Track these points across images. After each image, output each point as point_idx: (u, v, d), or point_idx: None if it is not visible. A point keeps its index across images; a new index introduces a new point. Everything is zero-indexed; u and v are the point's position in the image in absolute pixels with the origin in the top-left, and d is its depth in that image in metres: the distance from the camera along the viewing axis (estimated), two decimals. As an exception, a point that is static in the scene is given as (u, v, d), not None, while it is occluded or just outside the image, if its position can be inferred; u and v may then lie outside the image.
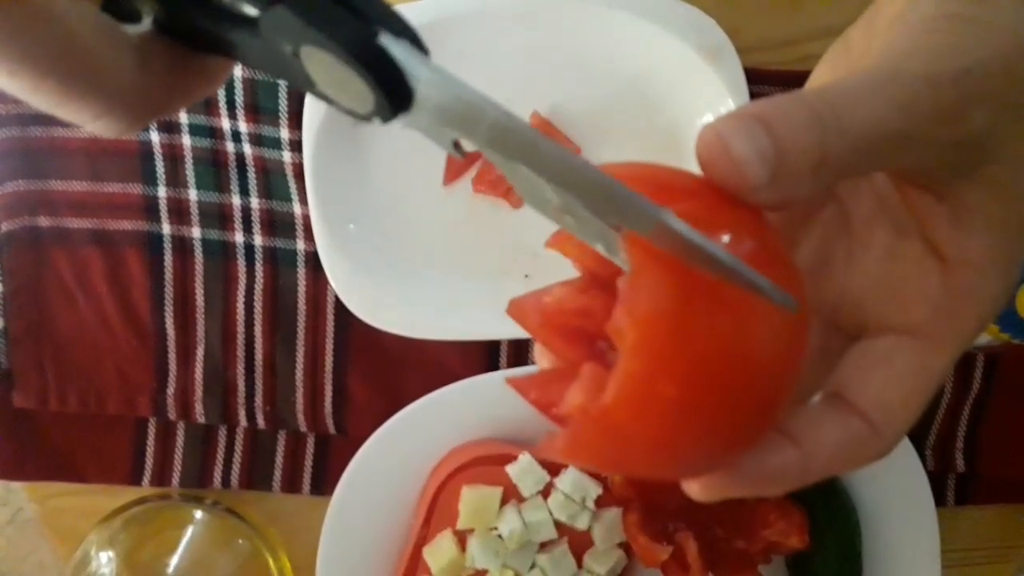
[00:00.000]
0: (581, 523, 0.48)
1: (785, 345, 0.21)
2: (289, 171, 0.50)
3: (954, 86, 0.22)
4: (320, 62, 0.20)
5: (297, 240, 0.51)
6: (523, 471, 0.48)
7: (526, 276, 0.51)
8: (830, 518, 0.50)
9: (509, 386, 0.25)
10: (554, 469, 0.48)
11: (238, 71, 0.49)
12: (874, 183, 0.26)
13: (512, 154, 0.20)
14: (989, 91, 0.22)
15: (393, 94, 0.20)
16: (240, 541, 0.51)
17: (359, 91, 0.20)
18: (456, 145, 0.21)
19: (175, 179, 0.50)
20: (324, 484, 0.53)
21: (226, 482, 0.52)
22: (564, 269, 0.53)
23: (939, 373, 0.24)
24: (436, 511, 0.49)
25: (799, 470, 0.24)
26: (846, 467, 0.24)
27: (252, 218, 0.51)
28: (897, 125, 0.21)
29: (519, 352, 0.52)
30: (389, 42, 0.20)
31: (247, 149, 0.50)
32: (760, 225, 0.22)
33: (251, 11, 0.21)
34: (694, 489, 0.24)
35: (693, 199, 0.21)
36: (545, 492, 0.48)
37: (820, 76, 0.28)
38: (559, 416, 0.23)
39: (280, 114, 0.50)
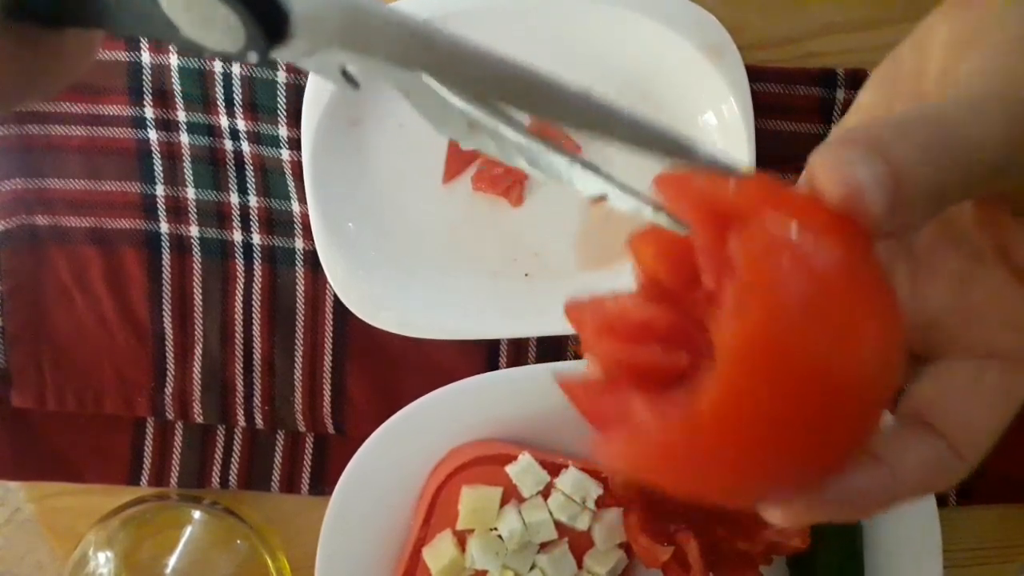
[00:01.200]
0: (581, 524, 0.48)
1: (883, 361, 0.21)
2: (288, 169, 0.50)
3: None
4: (178, 2, 0.18)
5: (296, 239, 0.51)
6: (523, 471, 0.48)
7: (526, 275, 0.51)
8: (831, 518, 0.50)
9: (560, 386, 0.23)
10: (554, 470, 0.48)
11: (236, 68, 0.49)
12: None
13: (412, 61, 0.18)
14: None
15: (264, 16, 0.18)
16: (239, 541, 0.51)
17: (226, 23, 0.18)
18: (345, 74, 0.19)
19: (173, 177, 0.50)
20: (323, 484, 0.52)
21: (224, 482, 0.52)
22: (566, 268, 0.53)
23: (1022, 396, 0.24)
24: (436, 511, 0.49)
25: (886, 493, 0.23)
26: (928, 491, 0.24)
27: (250, 217, 0.51)
28: (1006, 152, 0.21)
29: (519, 352, 0.52)
30: None
31: (245, 147, 0.50)
32: (862, 241, 0.21)
33: None
34: (776, 514, 0.23)
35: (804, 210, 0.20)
36: (545, 492, 0.48)
37: (870, 95, 0.28)
38: (609, 424, 0.22)
39: (279, 112, 0.49)
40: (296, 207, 0.50)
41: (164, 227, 0.51)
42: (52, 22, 0.20)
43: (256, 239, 0.51)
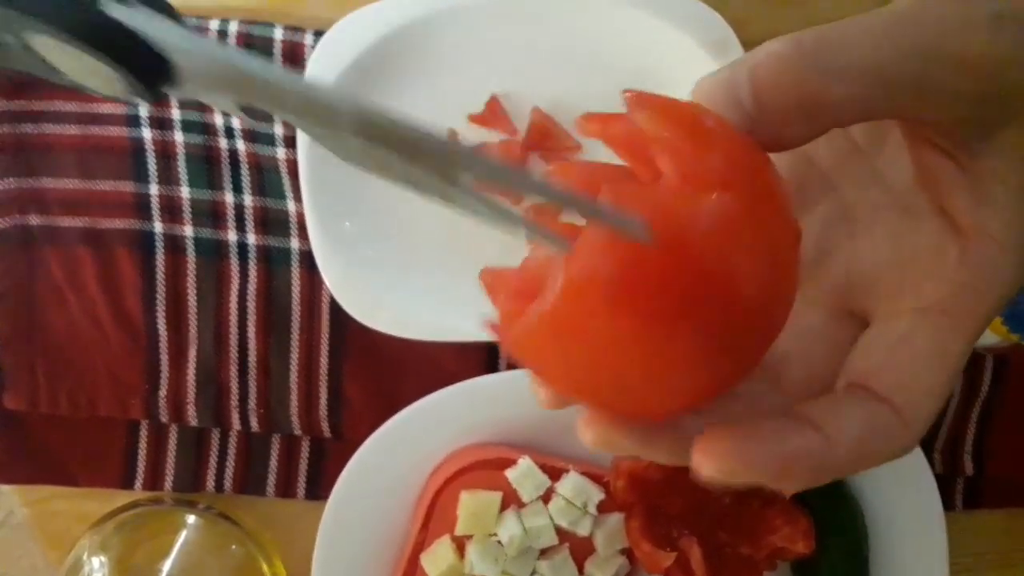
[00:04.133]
0: (583, 529, 0.47)
1: (758, 256, 0.20)
2: (283, 168, 0.50)
3: (985, 34, 0.21)
4: (53, 49, 0.17)
5: (291, 238, 0.50)
6: (523, 476, 0.47)
7: (526, 276, 0.50)
8: (836, 523, 0.49)
9: (481, 278, 0.26)
10: (555, 474, 0.48)
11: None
12: (875, 166, 0.26)
13: (294, 111, 0.18)
14: (1022, 42, 0.21)
15: (141, 69, 0.17)
16: (233, 546, 0.51)
17: (106, 73, 0.17)
18: (245, 108, 0.19)
19: (167, 176, 0.50)
20: (319, 488, 0.52)
21: (219, 486, 0.52)
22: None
23: (961, 354, 0.23)
24: (434, 516, 0.48)
25: (821, 459, 0.22)
26: (872, 460, 0.23)
27: (245, 216, 0.50)
28: (915, 68, 0.20)
29: (519, 353, 0.51)
30: (117, 10, 0.17)
31: (240, 145, 0.50)
32: (746, 155, 0.21)
33: None
34: (705, 467, 0.22)
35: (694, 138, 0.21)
36: (546, 497, 0.48)
37: None
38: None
39: (274, 110, 0.49)
40: (292, 206, 0.50)
41: (158, 227, 0.50)
42: None
43: (251, 239, 0.50)
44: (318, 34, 0.49)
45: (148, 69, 0.17)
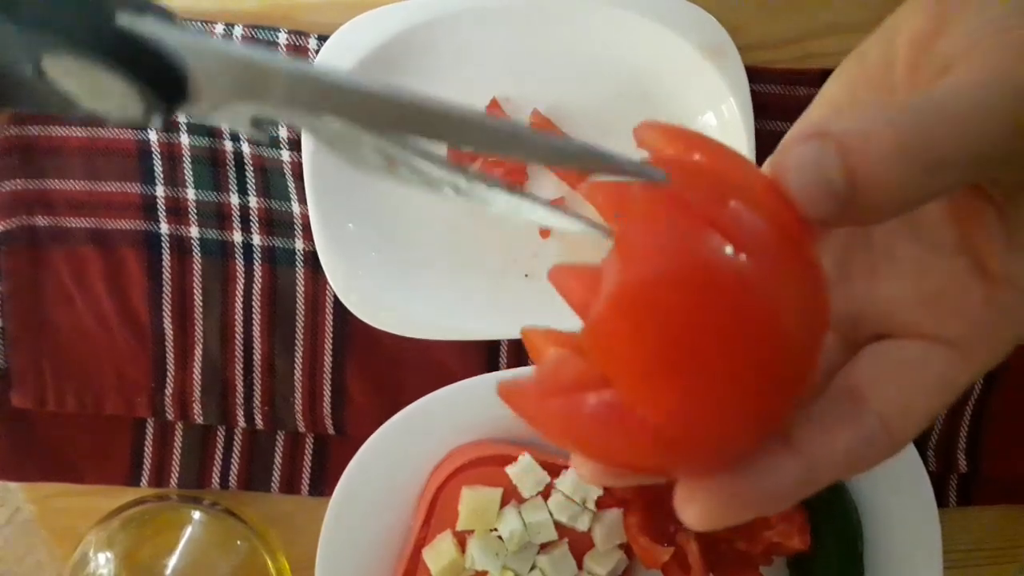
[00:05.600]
0: (582, 524, 0.48)
1: (799, 318, 0.21)
2: (288, 170, 0.50)
3: None
4: (67, 71, 0.17)
5: (296, 239, 0.51)
6: (523, 472, 0.48)
7: (526, 276, 0.51)
8: (831, 519, 0.50)
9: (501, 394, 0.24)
10: (554, 470, 0.48)
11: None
12: None
13: (312, 105, 0.18)
14: None
15: (159, 82, 0.17)
16: (238, 542, 0.51)
17: (122, 92, 0.17)
18: (256, 123, 0.19)
19: (173, 178, 0.50)
20: (323, 485, 0.52)
21: (224, 483, 0.52)
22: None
23: (963, 387, 0.24)
24: (436, 512, 0.49)
25: (804, 484, 0.22)
26: (855, 470, 0.23)
27: (250, 217, 0.51)
28: (1007, 146, 0.20)
29: (519, 352, 0.52)
30: (131, 20, 0.16)
31: (245, 148, 0.50)
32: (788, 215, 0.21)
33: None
34: (691, 514, 0.22)
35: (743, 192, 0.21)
36: (545, 493, 0.48)
37: (834, 87, 0.27)
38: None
39: (279, 113, 0.49)
40: (296, 208, 0.50)
41: (164, 228, 0.50)
42: None
43: (256, 240, 0.51)
44: (322, 39, 0.49)
45: (165, 82, 0.17)
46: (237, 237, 0.51)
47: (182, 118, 0.50)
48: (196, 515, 0.51)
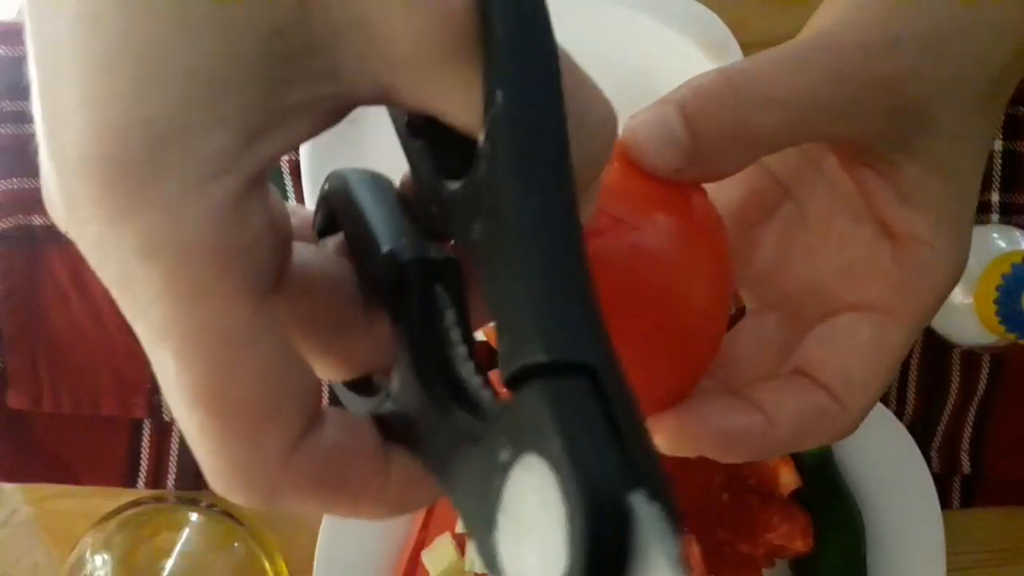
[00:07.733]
0: (582, 526, 0.47)
1: (689, 276, 0.23)
2: (285, 168, 0.50)
3: (886, 54, 0.23)
4: (529, 479, 0.14)
5: (294, 239, 0.50)
6: (523, 473, 0.47)
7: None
8: (834, 521, 0.50)
9: None
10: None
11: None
12: (827, 175, 0.27)
13: None
14: (920, 63, 0.23)
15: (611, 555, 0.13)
16: (236, 544, 0.51)
17: (554, 545, 0.13)
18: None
19: (170, 177, 0.50)
20: (321, 486, 0.52)
21: (222, 484, 0.52)
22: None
23: (899, 347, 0.25)
24: (435, 514, 0.48)
25: (763, 436, 0.24)
26: (812, 440, 0.25)
27: (248, 217, 0.50)
28: (828, 92, 0.22)
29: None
30: (641, 507, 0.13)
31: (243, 146, 0.50)
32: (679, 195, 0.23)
33: (489, 403, 0.16)
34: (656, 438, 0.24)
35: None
36: (545, 494, 0.48)
37: None
38: None
39: (276, 111, 0.49)
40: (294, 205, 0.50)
41: (161, 227, 0.50)
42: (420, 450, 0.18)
43: (254, 239, 0.50)
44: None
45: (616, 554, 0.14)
46: (234, 236, 0.50)
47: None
48: (193, 517, 0.51)
